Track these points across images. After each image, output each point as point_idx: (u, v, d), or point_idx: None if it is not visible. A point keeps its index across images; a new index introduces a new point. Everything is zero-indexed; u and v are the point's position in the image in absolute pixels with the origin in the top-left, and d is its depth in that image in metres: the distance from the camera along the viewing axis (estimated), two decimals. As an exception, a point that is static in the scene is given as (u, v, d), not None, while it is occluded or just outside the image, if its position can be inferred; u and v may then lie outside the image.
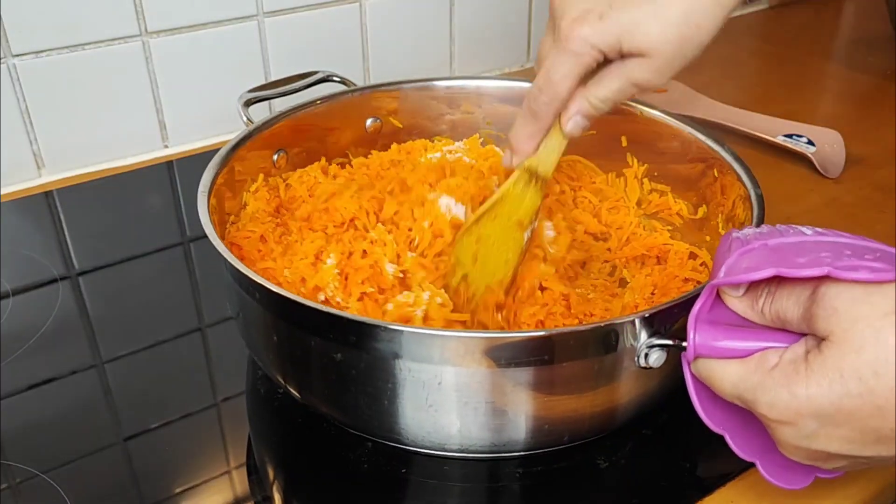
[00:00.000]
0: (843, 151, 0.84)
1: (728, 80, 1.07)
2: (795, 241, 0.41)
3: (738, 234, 0.44)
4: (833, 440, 0.36)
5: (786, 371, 0.37)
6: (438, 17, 0.98)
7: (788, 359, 0.37)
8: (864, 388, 0.34)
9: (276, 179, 0.65)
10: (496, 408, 0.45)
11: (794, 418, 0.36)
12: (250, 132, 0.62)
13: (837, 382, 0.35)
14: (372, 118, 0.71)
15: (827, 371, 0.35)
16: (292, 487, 0.51)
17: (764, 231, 0.44)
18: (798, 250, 0.39)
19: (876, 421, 0.35)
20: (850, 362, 0.35)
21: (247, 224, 0.60)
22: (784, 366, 0.37)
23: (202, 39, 0.85)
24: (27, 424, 0.54)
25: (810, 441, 0.37)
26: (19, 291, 0.66)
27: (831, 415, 0.35)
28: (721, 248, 0.45)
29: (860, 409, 0.35)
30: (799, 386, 0.36)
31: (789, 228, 0.43)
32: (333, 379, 0.47)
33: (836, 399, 0.35)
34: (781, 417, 0.37)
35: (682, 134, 0.65)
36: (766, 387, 0.37)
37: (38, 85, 0.78)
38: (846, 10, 1.33)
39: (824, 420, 0.36)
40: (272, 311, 0.48)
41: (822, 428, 0.36)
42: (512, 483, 0.50)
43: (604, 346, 0.44)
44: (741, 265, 0.40)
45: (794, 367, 0.37)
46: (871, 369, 0.34)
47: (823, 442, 0.37)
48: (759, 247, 0.41)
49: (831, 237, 0.41)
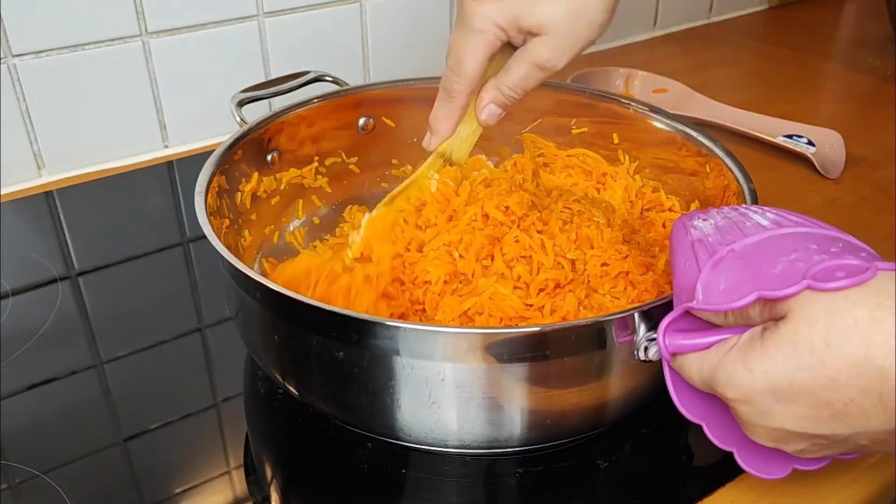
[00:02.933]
0: (843, 152, 0.84)
1: (728, 80, 1.07)
2: (757, 240, 0.40)
3: (697, 233, 0.43)
4: (788, 417, 0.36)
5: (742, 348, 0.37)
6: (438, 17, 0.99)
7: (746, 337, 0.38)
8: (815, 359, 0.35)
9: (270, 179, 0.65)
10: (497, 403, 0.46)
11: (750, 395, 0.37)
12: (245, 132, 0.62)
13: (791, 356, 0.35)
14: (365, 117, 0.71)
15: (781, 345, 0.35)
16: (292, 487, 0.51)
17: (719, 223, 0.43)
18: (767, 255, 0.39)
19: (828, 393, 0.35)
20: (802, 335, 0.35)
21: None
22: (741, 344, 0.38)
23: (202, 39, 0.85)
24: (27, 424, 0.54)
25: (767, 418, 0.37)
26: (19, 291, 0.66)
27: (785, 389, 0.36)
28: (680, 244, 0.44)
29: (813, 382, 0.35)
30: (754, 361, 0.36)
31: (744, 219, 0.43)
32: (335, 377, 0.47)
33: (790, 372, 0.35)
34: (738, 395, 0.37)
35: (674, 130, 0.65)
36: (724, 365, 0.38)
37: (38, 85, 0.78)
38: (846, 11, 1.33)
39: (779, 395, 0.36)
40: (272, 311, 0.48)
41: (777, 404, 0.36)
42: (512, 482, 0.50)
43: (605, 340, 0.44)
44: (718, 285, 0.40)
45: (750, 344, 0.37)
46: (823, 341, 0.34)
47: (779, 419, 0.37)
48: (727, 254, 0.40)
49: (789, 227, 0.41)
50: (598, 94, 0.70)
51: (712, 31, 1.24)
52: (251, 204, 0.63)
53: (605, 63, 1.04)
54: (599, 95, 0.70)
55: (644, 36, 1.20)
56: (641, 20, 1.20)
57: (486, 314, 0.52)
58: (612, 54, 1.14)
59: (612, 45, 1.17)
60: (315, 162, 0.69)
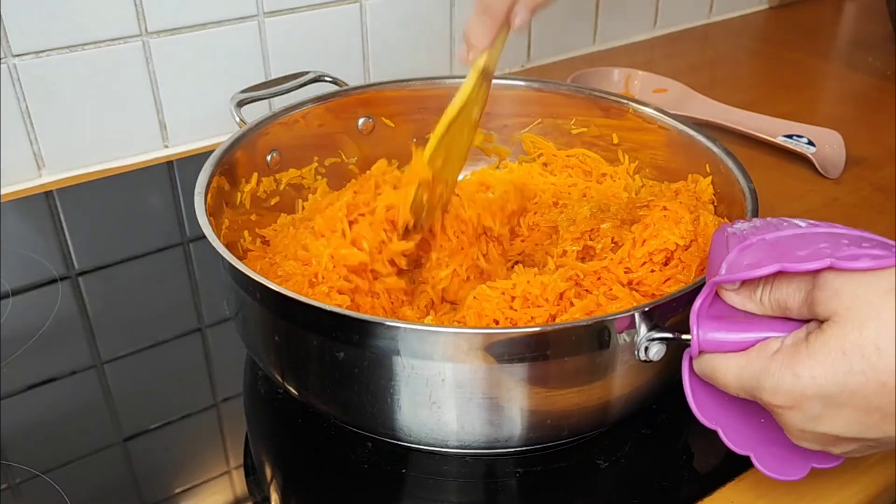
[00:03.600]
0: (844, 152, 0.84)
1: (728, 80, 1.07)
2: (792, 233, 0.41)
3: (733, 230, 0.44)
4: (839, 421, 0.36)
5: (788, 353, 0.37)
6: (438, 17, 0.99)
7: (790, 342, 0.37)
8: (866, 364, 0.34)
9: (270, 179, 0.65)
10: (498, 404, 0.46)
11: (799, 401, 0.36)
12: (244, 133, 0.62)
13: (840, 361, 0.35)
14: (364, 118, 0.71)
15: (829, 350, 0.35)
16: (291, 487, 0.51)
17: (758, 225, 0.44)
18: (797, 243, 0.39)
19: (880, 398, 0.35)
20: (852, 340, 0.35)
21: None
22: (786, 349, 0.37)
23: (202, 39, 0.85)
24: (27, 424, 0.54)
25: (816, 423, 0.37)
26: (19, 291, 0.66)
27: (835, 395, 0.35)
28: (716, 244, 0.45)
29: (864, 387, 0.35)
30: (802, 367, 0.36)
31: (783, 222, 0.43)
32: (335, 377, 0.47)
33: (840, 378, 0.35)
34: (786, 402, 0.37)
35: (673, 130, 0.65)
36: (769, 371, 0.37)
37: (38, 85, 0.78)
38: (846, 11, 1.33)
39: (829, 400, 0.36)
40: (273, 311, 0.48)
41: (827, 409, 0.36)
42: (511, 482, 0.50)
43: (605, 341, 0.44)
44: (742, 261, 0.40)
45: (795, 349, 0.37)
46: (874, 345, 0.34)
47: (829, 424, 0.36)
48: (757, 242, 0.41)
49: (826, 228, 0.41)
50: (598, 94, 0.70)
51: (712, 31, 1.24)
52: (251, 204, 0.63)
53: (605, 63, 1.04)
54: (599, 95, 0.70)
55: (644, 36, 1.20)
56: (641, 20, 1.20)
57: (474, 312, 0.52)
58: (612, 54, 1.14)
59: (612, 45, 1.17)
60: (314, 162, 0.69)
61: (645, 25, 1.20)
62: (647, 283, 0.55)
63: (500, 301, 0.52)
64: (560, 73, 1.02)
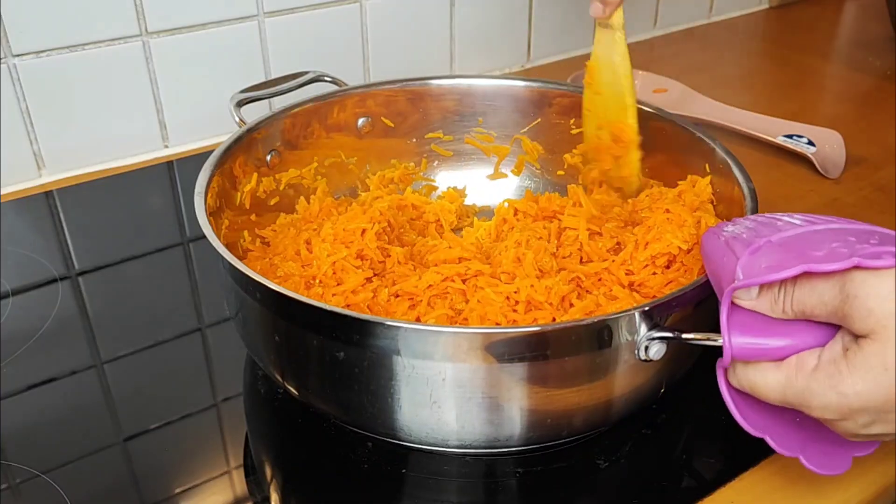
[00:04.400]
0: (844, 152, 0.84)
1: (728, 80, 1.07)
2: (796, 233, 0.41)
3: (729, 232, 0.44)
4: (889, 424, 0.38)
5: (829, 372, 0.38)
6: (438, 17, 0.99)
7: (828, 359, 0.38)
8: None
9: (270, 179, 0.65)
10: (498, 403, 0.46)
11: (849, 414, 0.38)
12: (244, 133, 0.62)
13: (883, 376, 0.36)
14: (364, 118, 0.71)
15: (871, 367, 0.36)
16: (291, 487, 0.51)
17: (751, 226, 0.44)
18: (807, 243, 0.39)
19: None
20: (892, 355, 0.36)
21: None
22: (825, 366, 0.38)
23: (202, 39, 0.85)
24: (27, 424, 0.54)
25: (869, 429, 0.38)
26: (19, 291, 0.66)
27: (882, 405, 0.37)
28: (715, 249, 0.44)
29: None
30: (845, 385, 0.37)
31: (775, 220, 0.43)
32: (335, 377, 0.47)
33: (885, 391, 0.36)
34: (836, 416, 0.38)
35: (673, 129, 0.65)
36: (813, 391, 0.38)
37: (38, 85, 0.78)
38: (846, 11, 1.33)
39: (877, 410, 0.37)
40: (273, 311, 0.48)
41: (876, 416, 0.37)
42: (511, 482, 0.50)
43: (606, 340, 0.44)
44: (759, 264, 0.40)
45: (836, 367, 0.37)
46: None
47: (882, 427, 0.38)
48: (764, 244, 0.41)
49: (822, 224, 0.41)
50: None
51: (712, 31, 1.24)
52: (251, 204, 0.63)
53: (605, 63, 1.04)
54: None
55: (644, 36, 1.20)
56: (641, 20, 1.20)
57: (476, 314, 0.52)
58: (612, 54, 1.14)
59: (612, 45, 1.17)
60: (314, 162, 0.69)
61: (645, 25, 1.20)
62: (649, 285, 0.55)
63: (504, 305, 0.52)
64: (560, 73, 1.02)
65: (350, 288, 0.53)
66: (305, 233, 0.58)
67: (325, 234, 0.56)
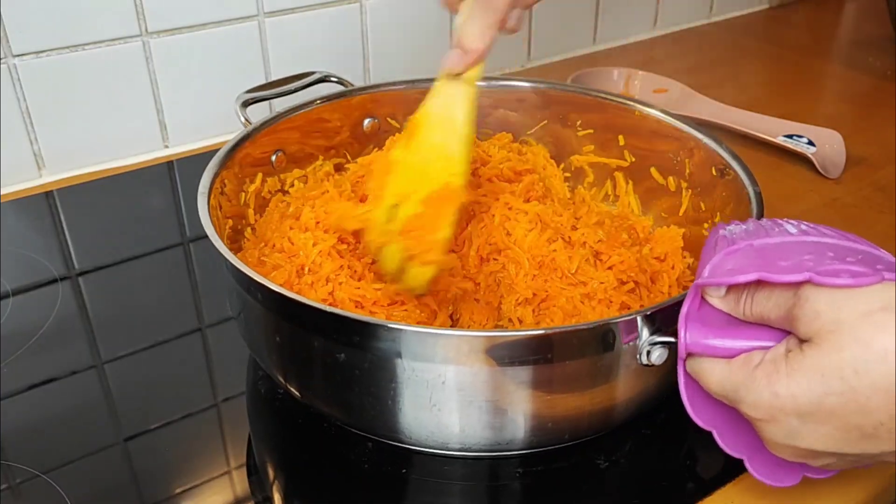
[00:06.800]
0: (844, 152, 0.84)
1: (728, 80, 1.07)
2: (778, 241, 0.41)
3: (725, 232, 0.44)
4: (817, 438, 0.37)
5: (768, 370, 0.37)
6: (438, 17, 0.98)
7: (770, 358, 0.38)
8: (845, 386, 0.35)
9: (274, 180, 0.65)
10: (499, 407, 0.45)
11: (777, 416, 0.37)
12: (249, 133, 0.62)
13: (817, 382, 0.35)
14: (369, 118, 0.71)
15: (807, 370, 0.36)
16: (292, 487, 0.51)
17: (750, 229, 0.44)
18: (781, 252, 0.40)
19: (858, 418, 0.35)
20: (830, 362, 0.35)
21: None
22: (766, 365, 0.38)
23: (202, 39, 0.85)
24: (27, 424, 0.54)
25: (794, 438, 0.37)
26: (19, 291, 0.66)
27: (812, 413, 0.36)
28: (708, 245, 0.45)
29: (843, 407, 0.35)
30: (780, 385, 0.36)
31: (775, 226, 0.43)
32: (336, 379, 0.47)
33: (817, 398, 0.35)
34: (764, 416, 0.38)
35: (680, 132, 0.65)
36: (748, 386, 0.38)
37: (38, 85, 0.78)
38: (846, 11, 1.33)
39: (806, 418, 0.36)
40: (274, 312, 0.48)
41: (804, 426, 0.37)
42: (512, 483, 0.50)
43: (607, 344, 0.44)
44: (725, 266, 0.41)
45: (775, 367, 0.37)
46: (852, 368, 0.34)
47: (807, 439, 0.37)
48: (744, 247, 0.41)
49: (815, 237, 0.41)
50: (604, 95, 0.70)
51: (712, 31, 1.24)
52: (254, 204, 0.63)
53: (605, 63, 1.04)
54: (605, 97, 0.70)
55: (644, 36, 1.20)
56: (641, 20, 1.20)
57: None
58: (612, 54, 1.14)
59: (612, 45, 1.17)
60: (319, 162, 0.69)
61: (645, 25, 1.20)
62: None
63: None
64: (560, 73, 1.02)
65: (325, 275, 0.53)
66: (288, 219, 0.58)
67: (305, 221, 0.56)
